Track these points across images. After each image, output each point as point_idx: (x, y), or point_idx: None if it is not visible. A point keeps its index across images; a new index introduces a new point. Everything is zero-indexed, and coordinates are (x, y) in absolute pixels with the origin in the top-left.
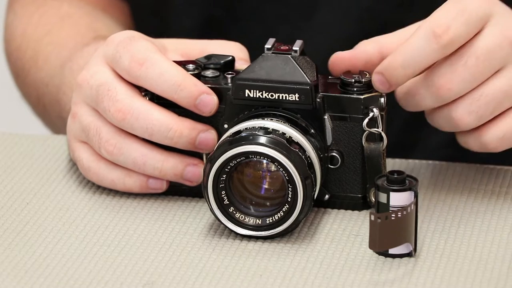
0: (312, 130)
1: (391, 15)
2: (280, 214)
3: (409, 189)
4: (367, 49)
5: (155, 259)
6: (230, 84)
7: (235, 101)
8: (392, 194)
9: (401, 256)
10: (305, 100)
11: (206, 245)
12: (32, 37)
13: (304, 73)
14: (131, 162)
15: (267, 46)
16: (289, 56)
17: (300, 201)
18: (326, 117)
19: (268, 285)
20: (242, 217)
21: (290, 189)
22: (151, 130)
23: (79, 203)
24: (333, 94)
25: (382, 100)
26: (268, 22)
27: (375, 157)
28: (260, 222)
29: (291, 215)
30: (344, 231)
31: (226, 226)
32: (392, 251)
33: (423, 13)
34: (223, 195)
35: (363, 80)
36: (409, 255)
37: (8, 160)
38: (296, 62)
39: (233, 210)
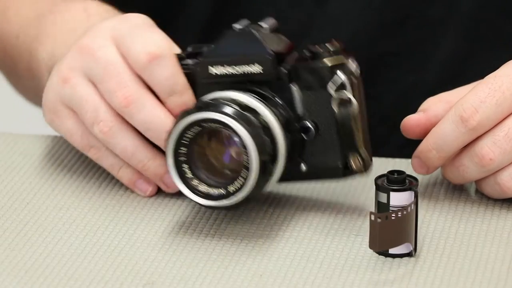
0: (281, 102)
1: (413, 8)
2: (241, 182)
3: (409, 189)
4: (439, 113)
5: (155, 259)
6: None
7: (202, 80)
8: (392, 194)
9: (401, 256)
10: (268, 71)
11: (206, 245)
12: None
13: (266, 44)
14: (120, 148)
15: (236, 25)
16: (252, 30)
17: (255, 165)
18: (293, 87)
19: (268, 285)
20: (205, 188)
21: (245, 154)
22: (148, 125)
23: (79, 203)
24: (299, 64)
25: (350, 64)
26: (280, 7)
27: (347, 122)
28: (224, 192)
29: (249, 182)
30: (344, 231)
31: (191, 200)
32: (392, 251)
33: (445, 7)
34: (184, 168)
35: (331, 49)
36: (409, 255)
37: (8, 160)
38: (260, 35)
39: (196, 183)
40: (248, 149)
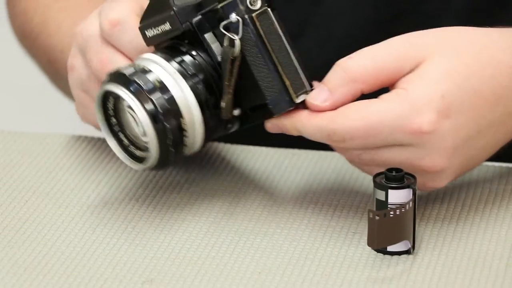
0: (197, 53)
1: (407, 3)
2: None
3: (408, 186)
4: (344, 101)
5: (154, 257)
6: None
7: (147, 43)
8: (390, 191)
9: (399, 253)
10: (175, 26)
11: (205, 242)
12: (40, 1)
13: (173, 0)
14: None
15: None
16: None
17: (154, 136)
18: (206, 35)
19: (266, 282)
20: (134, 150)
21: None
22: None
23: (78, 201)
24: (205, 10)
25: (243, 6)
26: (276, 6)
27: (224, 61)
28: (143, 155)
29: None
30: (343, 229)
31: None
32: (390, 248)
33: (439, 2)
34: (120, 136)
35: None
36: (407, 252)
37: (7, 158)
38: None
39: (127, 143)
40: (138, 118)
